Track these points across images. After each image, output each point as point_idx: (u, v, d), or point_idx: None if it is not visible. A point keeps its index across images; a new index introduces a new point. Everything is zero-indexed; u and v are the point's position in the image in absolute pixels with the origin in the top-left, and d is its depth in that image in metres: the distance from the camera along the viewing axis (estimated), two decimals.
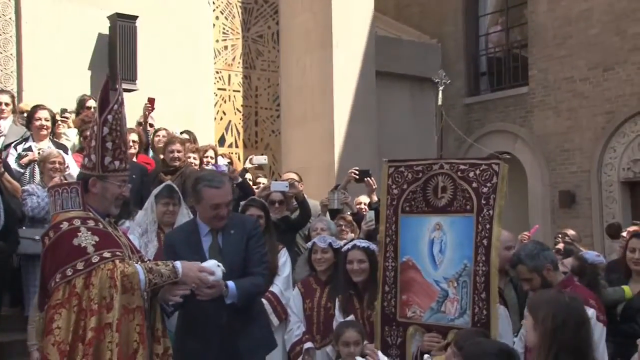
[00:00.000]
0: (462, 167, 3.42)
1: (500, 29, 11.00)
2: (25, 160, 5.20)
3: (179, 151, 5.54)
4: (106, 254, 2.71)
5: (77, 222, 2.77)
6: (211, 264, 3.03)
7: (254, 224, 3.65)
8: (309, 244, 4.49)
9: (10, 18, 6.99)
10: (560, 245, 5.51)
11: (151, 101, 6.45)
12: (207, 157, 6.04)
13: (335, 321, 4.01)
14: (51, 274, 2.70)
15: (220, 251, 3.38)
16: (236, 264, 3.36)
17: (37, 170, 5.20)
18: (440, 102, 3.95)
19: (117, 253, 2.75)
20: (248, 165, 6.53)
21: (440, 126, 3.77)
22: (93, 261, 2.67)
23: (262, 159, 6.65)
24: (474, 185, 3.35)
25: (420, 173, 3.53)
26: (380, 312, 3.60)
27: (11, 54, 6.98)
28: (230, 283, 3.22)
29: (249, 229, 3.53)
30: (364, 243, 3.95)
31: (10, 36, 6.98)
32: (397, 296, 3.52)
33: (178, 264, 2.87)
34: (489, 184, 3.31)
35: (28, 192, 4.87)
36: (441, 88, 3.94)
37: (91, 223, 2.80)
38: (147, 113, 6.46)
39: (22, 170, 5.22)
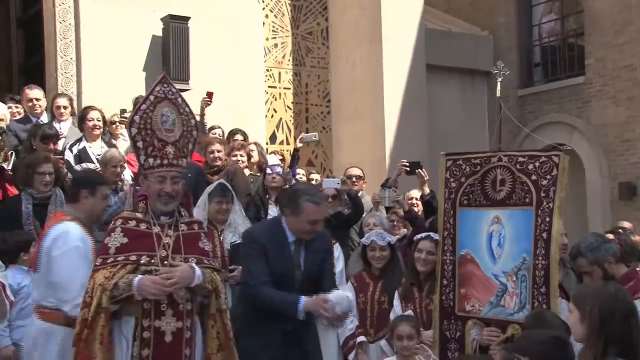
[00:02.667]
0: (521, 159, 3.38)
1: (555, 17, 10.70)
2: None
3: (219, 151, 5.62)
4: (120, 258, 2.94)
5: (117, 222, 3.03)
6: (339, 296, 3.12)
7: (329, 238, 3.74)
8: (364, 239, 4.50)
9: (70, 24, 7.23)
10: (611, 236, 5.33)
11: (210, 95, 6.52)
12: (252, 151, 5.94)
13: (392, 311, 4.03)
14: None
15: (300, 264, 3.44)
16: (312, 275, 3.45)
17: None
18: (498, 94, 3.89)
19: (131, 258, 2.95)
20: (299, 144, 6.56)
21: (498, 118, 3.73)
22: (107, 261, 2.94)
23: (312, 137, 6.66)
24: (533, 177, 3.31)
25: (479, 166, 3.51)
26: (439, 305, 3.59)
27: (71, 58, 7.23)
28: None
29: (327, 243, 3.62)
30: (437, 236, 3.96)
31: (70, 41, 7.22)
32: (456, 290, 3.52)
33: (136, 280, 2.89)
34: (548, 177, 3.27)
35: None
36: (499, 79, 3.88)
37: (132, 223, 3.01)
38: (204, 107, 6.54)
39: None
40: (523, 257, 3.28)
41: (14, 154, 5.11)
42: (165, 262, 2.98)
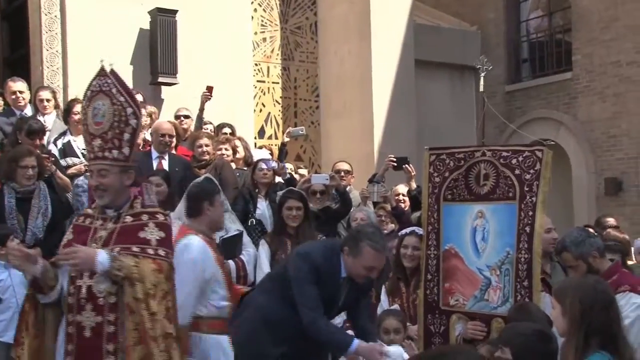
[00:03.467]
0: (504, 154, 3.40)
1: (542, 13, 10.75)
2: (71, 171, 5.25)
3: (207, 145, 5.61)
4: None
5: (74, 220, 3.15)
6: (397, 352, 3.12)
7: (371, 285, 3.69)
8: None
9: (55, 16, 7.15)
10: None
11: (210, 89, 6.49)
12: (236, 146, 5.92)
13: (380, 306, 4.05)
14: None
15: (344, 297, 3.42)
16: (346, 307, 3.48)
17: None
18: (481, 89, 3.92)
19: None
20: (286, 138, 6.55)
21: (482, 113, 3.74)
22: None
23: (299, 131, 6.66)
24: (517, 172, 3.32)
25: (462, 160, 3.52)
26: (423, 300, 3.61)
27: (57, 51, 7.16)
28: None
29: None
30: (421, 231, 3.97)
31: (56, 33, 7.14)
32: (440, 284, 3.53)
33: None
34: (532, 171, 3.28)
35: (83, 188, 4.86)
36: (483, 74, 3.90)
37: (81, 219, 3.08)
38: (204, 101, 6.50)
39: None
40: (507, 251, 3.30)
41: None
42: None
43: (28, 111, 5.88)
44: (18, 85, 5.91)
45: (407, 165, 5.61)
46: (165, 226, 3.08)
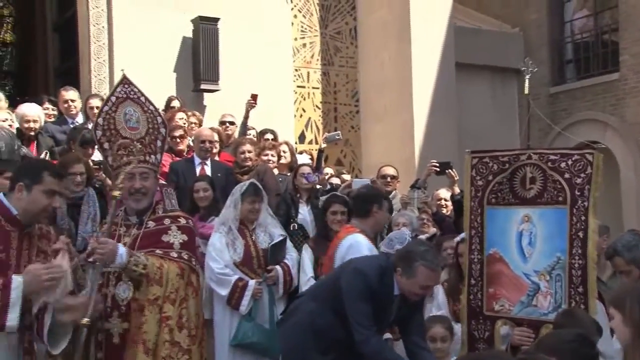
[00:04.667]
0: (552, 157, 3.32)
1: (588, 13, 10.51)
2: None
3: (249, 151, 5.66)
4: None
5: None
6: None
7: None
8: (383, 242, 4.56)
9: (103, 27, 7.37)
10: None
11: (254, 97, 6.56)
12: (283, 152, 6.03)
13: (437, 306, 4.05)
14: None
15: (396, 312, 3.41)
16: (397, 322, 3.48)
17: None
18: (526, 91, 3.83)
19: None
20: (323, 144, 6.58)
21: (526, 116, 3.67)
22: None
23: (335, 136, 6.66)
24: (567, 176, 3.24)
25: (507, 164, 3.45)
26: (467, 305, 3.55)
27: (104, 60, 7.37)
28: None
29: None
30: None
31: (103, 43, 7.36)
32: (484, 289, 3.46)
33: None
34: (582, 175, 3.20)
35: None
36: (527, 76, 3.82)
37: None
38: (249, 109, 6.59)
39: None
40: (557, 256, 3.22)
41: (48, 154, 5.22)
42: None
43: (79, 119, 6.06)
44: (70, 94, 6.11)
45: (449, 170, 5.56)
46: (188, 229, 3.12)
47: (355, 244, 3.78)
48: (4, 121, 5.03)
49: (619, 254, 3.21)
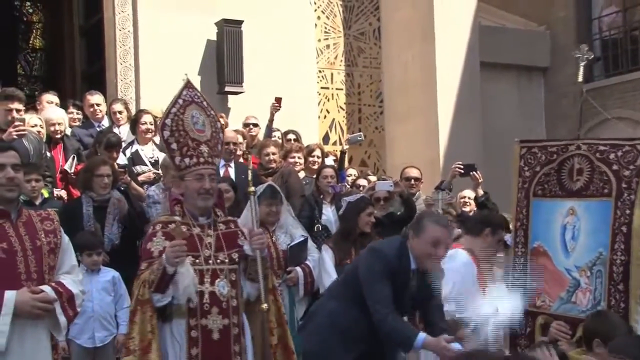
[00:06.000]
0: (601, 147, 3.19)
1: (616, 9, 10.31)
2: (142, 178, 5.42)
3: (274, 153, 5.68)
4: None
5: (157, 227, 3.07)
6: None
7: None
8: None
9: (129, 31, 7.46)
10: None
11: (278, 100, 6.59)
12: (313, 156, 6.02)
13: None
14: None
15: (417, 289, 3.36)
16: (417, 304, 3.44)
17: None
18: (580, 79, 3.59)
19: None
20: (345, 146, 6.56)
21: (579, 103, 3.53)
22: (153, 265, 2.96)
23: (357, 137, 6.64)
24: (615, 167, 3.12)
25: (555, 154, 3.33)
26: None
27: (130, 64, 7.46)
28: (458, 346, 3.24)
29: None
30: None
31: (129, 47, 7.45)
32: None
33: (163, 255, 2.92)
34: (632, 167, 3.07)
35: (153, 199, 5.01)
36: (582, 64, 3.60)
37: (172, 227, 3.01)
38: (273, 112, 6.60)
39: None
40: (599, 252, 3.10)
41: (75, 158, 5.31)
42: (210, 261, 3.03)
43: (105, 123, 6.15)
44: (95, 98, 6.19)
45: (474, 172, 5.51)
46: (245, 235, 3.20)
47: (453, 254, 3.60)
48: (33, 126, 5.12)
49: None
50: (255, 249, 3.07)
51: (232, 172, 5.50)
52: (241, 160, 5.82)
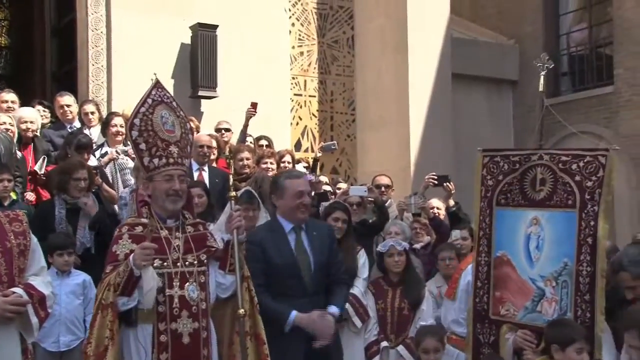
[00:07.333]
0: (563, 158, 3.19)
1: (585, 26, 10.61)
2: (105, 159, 5.38)
3: (247, 159, 5.66)
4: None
5: (124, 230, 3.02)
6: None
7: (331, 229, 3.83)
8: (381, 246, 4.58)
9: (101, 32, 7.36)
10: None
11: (254, 105, 6.58)
12: (284, 162, 6.05)
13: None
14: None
15: (305, 250, 3.47)
16: (322, 264, 3.48)
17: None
18: (541, 88, 3.63)
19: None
20: (318, 154, 6.58)
21: (540, 115, 3.51)
22: (118, 268, 2.90)
23: (330, 145, 6.68)
24: (577, 178, 3.12)
25: (517, 164, 3.33)
26: (473, 308, 3.46)
27: (102, 66, 7.36)
28: (335, 309, 3.43)
29: (329, 233, 3.67)
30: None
31: (102, 49, 7.35)
32: (490, 292, 3.37)
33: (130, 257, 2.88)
34: (594, 177, 3.08)
35: (125, 201, 4.94)
36: (543, 73, 3.62)
37: (138, 229, 2.99)
38: (249, 117, 6.59)
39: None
40: (564, 262, 3.10)
41: (45, 159, 5.22)
42: (178, 263, 2.97)
43: (76, 124, 6.05)
44: (65, 99, 6.09)
45: (447, 184, 5.60)
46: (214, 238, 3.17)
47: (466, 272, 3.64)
48: (2, 124, 5.02)
49: (625, 269, 3.11)
50: (232, 229, 3.04)
51: (205, 176, 5.47)
52: (214, 165, 5.80)
